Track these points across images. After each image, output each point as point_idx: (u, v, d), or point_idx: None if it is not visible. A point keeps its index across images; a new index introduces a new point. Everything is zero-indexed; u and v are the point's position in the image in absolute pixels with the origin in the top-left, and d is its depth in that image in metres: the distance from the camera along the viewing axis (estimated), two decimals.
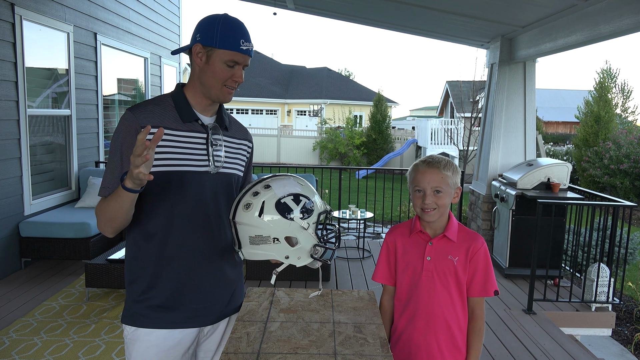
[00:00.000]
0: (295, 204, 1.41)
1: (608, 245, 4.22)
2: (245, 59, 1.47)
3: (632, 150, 11.68)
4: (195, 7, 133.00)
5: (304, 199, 1.43)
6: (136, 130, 1.43)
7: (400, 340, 1.72)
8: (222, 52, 1.43)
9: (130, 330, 1.52)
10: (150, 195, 1.47)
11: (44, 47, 5.05)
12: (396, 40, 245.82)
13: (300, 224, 1.39)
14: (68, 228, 4.63)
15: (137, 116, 1.44)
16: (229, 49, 1.43)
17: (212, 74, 1.46)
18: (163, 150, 1.45)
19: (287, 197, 1.42)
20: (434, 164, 1.65)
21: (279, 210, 1.40)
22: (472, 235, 1.70)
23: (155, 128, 1.43)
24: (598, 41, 3.99)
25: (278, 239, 1.40)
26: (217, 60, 1.44)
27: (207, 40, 1.44)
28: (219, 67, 1.45)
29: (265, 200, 1.41)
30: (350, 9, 6.03)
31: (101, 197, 1.45)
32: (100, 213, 1.44)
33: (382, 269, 1.78)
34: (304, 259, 1.43)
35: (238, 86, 1.52)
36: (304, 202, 1.42)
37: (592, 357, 3.42)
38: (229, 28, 1.44)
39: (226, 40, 1.43)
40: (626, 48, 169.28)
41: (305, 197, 1.44)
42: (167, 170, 1.46)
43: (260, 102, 28.11)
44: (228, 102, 1.54)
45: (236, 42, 1.43)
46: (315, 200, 1.46)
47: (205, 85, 1.49)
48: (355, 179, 14.29)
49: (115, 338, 3.37)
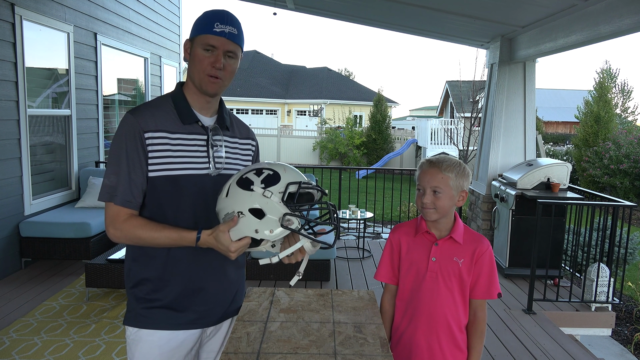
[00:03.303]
0: (257, 176, 1.37)
1: (608, 245, 4.22)
2: (222, 41, 1.44)
3: (632, 150, 11.68)
4: (195, 7, 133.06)
5: (267, 171, 1.38)
6: (138, 133, 1.43)
7: (401, 340, 1.72)
8: (198, 38, 1.45)
9: (132, 331, 1.52)
10: (154, 199, 1.47)
11: (44, 47, 5.05)
12: (396, 40, 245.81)
13: (260, 193, 1.34)
14: (68, 228, 4.63)
15: (138, 119, 1.44)
16: (203, 32, 1.44)
17: (194, 64, 1.47)
18: (164, 155, 1.45)
19: (249, 173, 1.38)
20: (436, 164, 1.65)
21: (240, 185, 1.37)
22: (478, 237, 1.70)
23: (156, 132, 1.44)
24: (598, 41, 3.99)
25: (242, 212, 1.35)
26: (196, 49, 1.46)
27: (191, 34, 1.48)
28: (199, 55, 1.45)
29: (230, 182, 1.40)
30: (350, 9, 6.03)
31: (105, 201, 1.44)
32: (138, 236, 1.42)
33: (385, 267, 1.78)
34: (276, 231, 1.35)
35: (227, 77, 1.48)
36: (266, 174, 1.37)
37: (592, 357, 3.42)
38: (206, 15, 1.47)
39: (201, 26, 1.45)
40: (626, 48, 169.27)
41: (270, 170, 1.38)
42: (169, 174, 1.46)
43: (260, 102, 28.11)
44: (214, 93, 1.50)
45: (210, 25, 1.44)
46: (285, 174, 1.39)
47: (192, 78, 1.50)
48: (355, 179, 14.29)
49: (116, 338, 3.37)
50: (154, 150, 1.44)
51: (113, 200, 1.42)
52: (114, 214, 1.43)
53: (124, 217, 1.43)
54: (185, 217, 1.49)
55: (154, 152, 1.44)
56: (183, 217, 1.48)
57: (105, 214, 1.45)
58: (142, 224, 1.42)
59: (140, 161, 1.43)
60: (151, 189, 1.46)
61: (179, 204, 1.48)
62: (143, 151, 1.43)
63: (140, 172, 1.44)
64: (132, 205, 1.44)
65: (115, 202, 1.42)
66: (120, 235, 1.43)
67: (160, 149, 1.45)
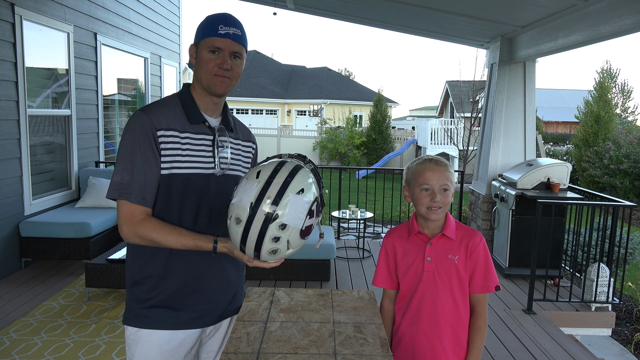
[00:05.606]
0: (310, 218, 1.40)
1: (608, 245, 4.22)
2: (227, 43, 1.47)
3: (632, 150, 11.68)
4: (195, 7, 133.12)
5: (314, 205, 1.39)
6: (151, 131, 1.44)
7: (403, 341, 1.72)
8: (203, 42, 1.48)
9: (132, 331, 1.52)
10: (161, 196, 1.48)
11: (44, 47, 5.05)
12: (396, 40, 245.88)
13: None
14: (68, 228, 4.63)
15: (151, 117, 1.45)
16: (208, 36, 1.47)
17: (201, 67, 1.49)
18: (171, 153, 1.46)
19: (306, 219, 1.39)
20: (441, 162, 1.67)
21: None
22: (470, 231, 1.70)
23: (167, 130, 1.46)
24: (598, 41, 3.99)
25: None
26: (202, 52, 1.48)
27: (195, 39, 1.51)
28: (205, 57, 1.48)
29: (293, 228, 1.38)
30: (350, 9, 6.03)
31: (117, 199, 1.43)
32: (152, 239, 1.42)
33: (382, 273, 1.77)
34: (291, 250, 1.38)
35: (234, 77, 1.51)
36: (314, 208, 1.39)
37: (592, 357, 3.42)
38: (209, 19, 1.49)
39: (205, 30, 1.48)
40: (626, 48, 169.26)
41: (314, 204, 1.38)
42: (175, 172, 1.47)
43: (260, 102, 28.11)
44: (223, 93, 1.52)
45: (214, 28, 1.46)
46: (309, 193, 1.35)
47: (199, 80, 1.51)
48: (355, 179, 14.29)
49: (116, 338, 3.37)
50: (166, 148, 1.46)
51: (128, 199, 1.42)
52: (128, 213, 1.43)
53: (139, 217, 1.43)
54: (188, 215, 1.50)
55: (165, 150, 1.46)
56: (186, 216, 1.50)
57: (119, 212, 1.44)
58: (158, 227, 1.43)
59: (156, 159, 1.45)
60: (160, 186, 1.47)
61: (184, 202, 1.49)
62: (157, 149, 1.45)
63: (154, 170, 1.45)
64: (146, 203, 1.44)
65: (130, 200, 1.42)
66: (135, 236, 1.43)
67: (171, 147, 1.46)
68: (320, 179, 1.42)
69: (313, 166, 1.43)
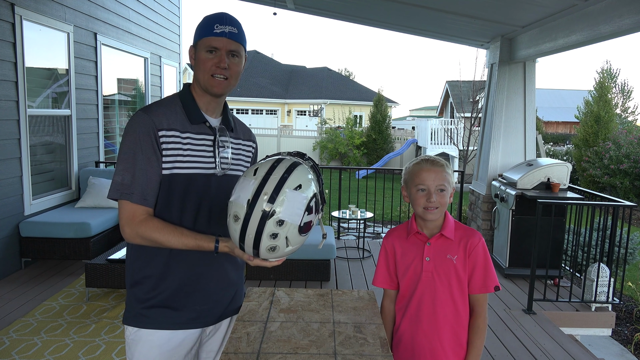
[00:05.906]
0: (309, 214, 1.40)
1: (608, 245, 4.22)
2: (224, 42, 1.47)
3: (632, 150, 11.68)
4: (195, 7, 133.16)
5: (312, 202, 1.40)
6: (153, 131, 1.44)
7: (403, 341, 1.72)
8: (201, 42, 1.48)
9: (132, 331, 1.52)
10: (162, 196, 1.48)
11: (44, 47, 5.05)
12: (396, 40, 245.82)
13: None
14: (68, 228, 4.63)
15: (152, 118, 1.45)
16: (205, 36, 1.48)
17: (199, 67, 1.50)
18: (172, 153, 1.46)
19: (305, 215, 1.39)
20: (438, 162, 1.66)
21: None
22: (468, 231, 1.70)
23: (168, 130, 1.46)
24: (598, 41, 3.99)
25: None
26: (200, 52, 1.49)
27: (194, 40, 1.51)
28: (203, 57, 1.48)
29: (291, 224, 1.38)
30: (350, 9, 6.03)
31: (118, 199, 1.43)
32: (154, 239, 1.42)
33: (381, 273, 1.77)
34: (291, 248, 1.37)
35: (233, 76, 1.50)
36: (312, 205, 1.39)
37: (592, 357, 3.42)
38: (205, 19, 1.50)
39: (202, 30, 1.49)
40: (626, 48, 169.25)
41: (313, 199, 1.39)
42: (176, 172, 1.47)
43: (260, 102, 28.11)
44: (220, 93, 1.52)
45: (210, 28, 1.47)
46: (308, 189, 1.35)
47: (198, 81, 1.52)
48: (355, 179, 14.29)
49: (115, 338, 3.37)
50: (167, 148, 1.46)
51: (129, 199, 1.42)
52: (130, 213, 1.43)
53: (140, 217, 1.43)
54: (188, 215, 1.50)
55: (167, 151, 1.46)
56: (187, 215, 1.50)
57: (120, 213, 1.44)
58: (160, 227, 1.43)
59: (158, 159, 1.45)
60: (161, 186, 1.47)
61: (185, 202, 1.49)
62: (158, 149, 1.45)
63: (156, 170, 1.45)
64: (148, 204, 1.44)
65: (132, 200, 1.42)
66: (136, 236, 1.43)
67: (172, 147, 1.46)
68: (320, 175, 1.42)
69: (312, 163, 1.42)
